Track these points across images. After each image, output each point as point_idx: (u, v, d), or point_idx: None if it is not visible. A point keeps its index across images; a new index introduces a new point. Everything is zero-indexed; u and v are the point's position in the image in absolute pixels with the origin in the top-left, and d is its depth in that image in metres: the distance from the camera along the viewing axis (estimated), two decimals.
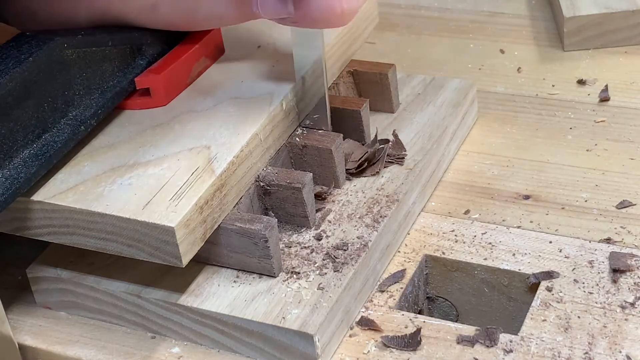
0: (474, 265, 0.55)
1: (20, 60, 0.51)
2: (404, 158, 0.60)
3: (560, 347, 0.50)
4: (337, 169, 0.58)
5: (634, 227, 0.57)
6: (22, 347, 0.54)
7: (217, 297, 0.52)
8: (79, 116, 0.54)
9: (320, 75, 0.58)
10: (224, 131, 0.55)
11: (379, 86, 0.64)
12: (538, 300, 0.52)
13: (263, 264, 0.53)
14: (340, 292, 0.51)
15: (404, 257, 0.57)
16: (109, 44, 0.56)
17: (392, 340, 0.51)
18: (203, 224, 0.51)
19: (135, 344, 0.53)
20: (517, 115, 0.68)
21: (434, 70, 0.74)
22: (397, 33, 0.79)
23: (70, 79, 0.54)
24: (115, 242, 0.50)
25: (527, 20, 0.79)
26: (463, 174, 0.63)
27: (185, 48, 0.60)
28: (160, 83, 0.58)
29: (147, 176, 0.52)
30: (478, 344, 0.50)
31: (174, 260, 0.50)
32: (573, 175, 0.61)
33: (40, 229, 0.52)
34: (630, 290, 0.52)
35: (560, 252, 0.55)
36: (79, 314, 0.56)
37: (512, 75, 0.72)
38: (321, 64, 0.58)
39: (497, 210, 0.59)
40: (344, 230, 0.56)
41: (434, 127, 0.63)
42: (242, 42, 0.63)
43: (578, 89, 0.70)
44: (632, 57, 0.72)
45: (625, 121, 0.66)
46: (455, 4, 0.82)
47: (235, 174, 0.53)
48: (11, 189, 0.49)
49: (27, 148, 0.52)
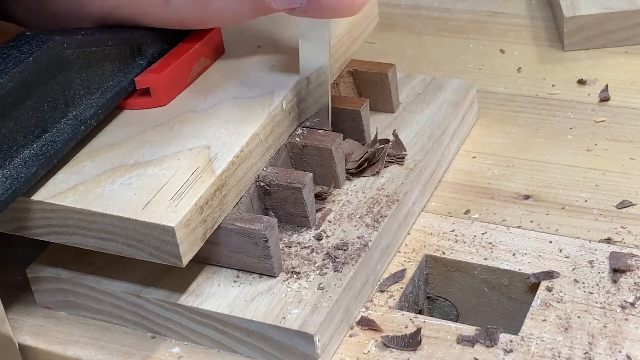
0: (474, 265, 0.55)
1: (20, 60, 0.51)
2: (404, 158, 0.60)
3: (560, 347, 0.50)
4: (337, 169, 0.58)
5: (634, 227, 0.57)
6: (22, 347, 0.54)
7: (217, 297, 0.52)
8: (79, 116, 0.54)
9: (325, 80, 0.58)
10: (224, 131, 0.55)
11: (379, 86, 0.64)
12: (538, 300, 0.52)
13: (263, 264, 0.53)
14: (341, 292, 0.51)
15: (404, 257, 0.57)
16: (109, 44, 0.56)
17: (392, 340, 0.51)
18: (203, 223, 0.51)
19: (135, 344, 0.53)
20: (517, 115, 0.68)
21: (434, 70, 0.73)
22: (397, 33, 0.79)
23: (70, 79, 0.54)
24: (115, 242, 0.50)
25: (527, 20, 0.79)
26: (463, 174, 0.63)
27: (185, 48, 0.59)
28: (160, 83, 0.57)
29: (147, 176, 0.52)
30: (478, 344, 0.50)
31: (174, 260, 0.50)
32: (573, 175, 0.61)
33: (40, 229, 0.52)
34: (630, 290, 0.52)
35: (561, 252, 0.55)
36: (79, 314, 0.56)
37: (512, 75, 0.72)
38: (327, 69, 0.57)
39: (497, 210, 0.59)
40: (344, 230, 0.56)
41: (434, 127, 0.63)
42: (242, 42, 0.63)
43: (578, 89, 0.70)
44: (632, 57, 0.72)
45: (625, 121, 0.66)
46: (455, 4, 0.82)
47: (235, 174, 0.53)
48: (11, 189, 0.49)
49: (27, 148, 0.52)
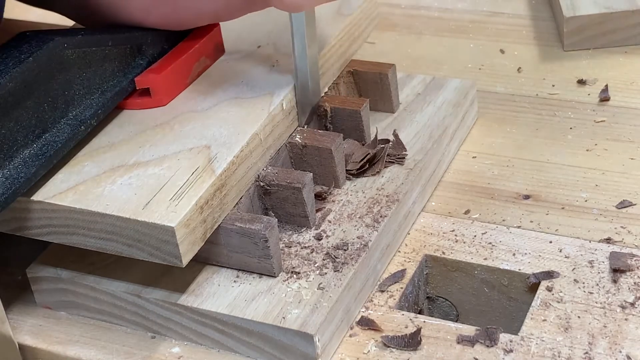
0: (474, 265, 0.55)
1: (20, 60, 0.51)
2: (404, 158, 0.60)
3: (560, 347, 0.50)
4: (337, 168, 0.58)
5: (634, 227, 0.57)
6: (22, 347, 0.54)
7: (217, 297, 0.52)
8: (79, 116, 0.54)
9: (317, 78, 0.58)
10: (224, 131, 0.55)
11: (379, 86, 0.64)
12: (538, 300, 0.52)
13: (263, 264, 0.53)
14: (341, 292, 0.51)
15: (404, 257, 0.57)
16: (109, 44, 0.56)
17: (392, 340, 0.51)
18: (203, 223, 0.51)
19: (135, 344, 0.53)
20: (517, 115, 0.68)
21: (434, 70, 0.73)
22: (397, 33, 0.79)
23: (70, 79, 0.54)
24: (115, 242, 0.50)
25: (527, 20, 0.79)
26: (463, 174, 0.63)
27: (185, 48, 0.60)
28: (160, 83, 0.58)
29: (147, 176, 0.52)
30: (478, 344, 0.50)
31: (174, 260, 0.50)
32: (573, 175, 0.61)
33: (40, 229, 0.52)
34: (630, 290, 0.52)
35: (560, 252, 0.55)
36: (79, 314, 0.56)
37: (512, 75, 0.72)
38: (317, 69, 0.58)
39: (497, 210, 0.59)
40: (344, 230, 0.56)
41: (434, 127, 0.63)
42: (242, 42, 0.63)
43: (578, 89, 0.70)
44: (632, 57, 0.72)
45: (625, 121, 0.66)
46: (455, 4, 0.82)
47: (235, 174, 0.53)
48: (11, 189, 0.49)
49: (27, 148, 0.52)
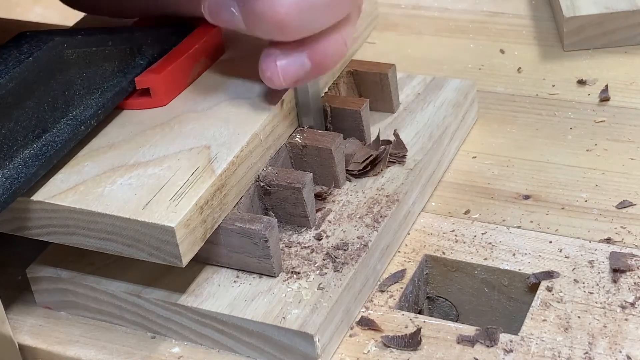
0: (474, 265, 0.55)
1: (20, 60, 0.51)
2: (405, 157, 0.60)
3: (560, 347, 0.50)
4: (337, 168, 0.58)
5: (634, 227, 0.57)
6: (22, 347, 0.54)
7: (217, 297, 0.52)
8: (79, 116, 0.54)
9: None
10: (224, 131, 0.55)
11: (379, 86, 0.64)
12: (538, 300, 0.52)
13: (263, 264, 0.53)
14: (341, 292, 0.51)
15: (404, 257, 0.57)
16: (109, 44, 0.56)
17: (392, 340, 0.51)
18: (203, 224, 0.51)
19: (135, 344, 0.53)
20: (517, 115, 0.68)
21: (434, 70, 0.73)
22: (397, 33, 0.79)
23: (70, 79, 0.54)
24: (115, 242, 0.50)
25: (527, 20, 0.79)
26: (463, 174, 0.63)
27: (185, 48, 0.59)
28: (160, 83, 0.57)
29: (147, 176, 0.52)
30: (478, 344, 0.50)
31: (174, 260, 0.50)
32: (573, 175, 0.61)
33: (40, 229, 0.52)
34: (630, 290, 0.52)
35: (560, 252, 0.55)
36: (79, 314, 0.56)
37: (512, 75, 0.72)
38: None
39: (497, 210, 0.59)
40: (344, 230, 0.56)
41: (434, 127, 0.63)
42: (242, 42, 0.63)
43: (578, 89, 0.70)
44: (632, 57, 0.72)
45: (625, 121, 0.66)
46: (455, 4, 0.82)
47: (235, 174, 0.53)
48: (11, 189, 0.49)
49: (27, 148, 0.52)
